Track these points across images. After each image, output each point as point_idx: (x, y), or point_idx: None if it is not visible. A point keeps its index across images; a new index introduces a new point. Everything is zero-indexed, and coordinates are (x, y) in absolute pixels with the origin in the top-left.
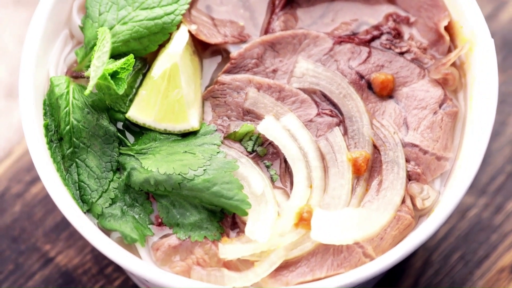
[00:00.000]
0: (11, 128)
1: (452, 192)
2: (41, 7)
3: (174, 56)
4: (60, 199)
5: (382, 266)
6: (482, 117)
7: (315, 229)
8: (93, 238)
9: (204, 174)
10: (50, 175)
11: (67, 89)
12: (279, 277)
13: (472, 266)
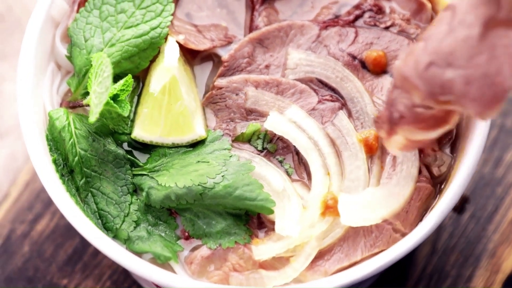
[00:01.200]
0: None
1: (468, 155)
2: (27, 44)
3: (171, 69)
4: (87, 231)
5: (416, 239)
6: None
7: (343, 214)
8: (130, 263)
9: (223, 180)
10: (71, 210)
11: (68, 121)
12: (316, 268)
13: (484, 222)
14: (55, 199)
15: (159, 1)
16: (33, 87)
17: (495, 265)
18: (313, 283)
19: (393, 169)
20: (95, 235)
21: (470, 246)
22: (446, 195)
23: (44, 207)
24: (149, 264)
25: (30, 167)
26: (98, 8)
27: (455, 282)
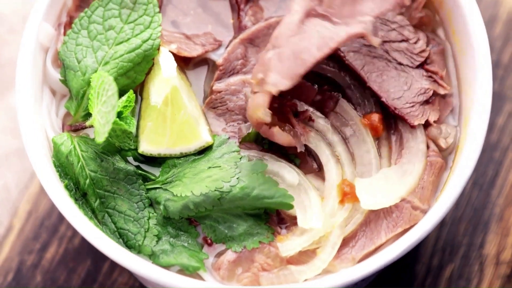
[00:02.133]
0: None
1: (475, 126)
2: (21, 74)
3: (171, 80)
4: (112, 251)
5: (439, 214)
6: (474, 44)
7: (362, 198)
8: (159, 276)
9: (239, 182)
10: (94, 233)
11: (73, 145)
12: (343, 257)
13: (487, 188)
14: (76, 225)
15: (146, 13)
16: (34, 116)
17: (504, 229)
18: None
19: (402, 148)
20: (121, 254)
21: (477, 214)
22: (461, 165)
23: (50, 234)
24: (178, 275)
25: (30, 196)
26: (86, 28)
27: (468, 250)
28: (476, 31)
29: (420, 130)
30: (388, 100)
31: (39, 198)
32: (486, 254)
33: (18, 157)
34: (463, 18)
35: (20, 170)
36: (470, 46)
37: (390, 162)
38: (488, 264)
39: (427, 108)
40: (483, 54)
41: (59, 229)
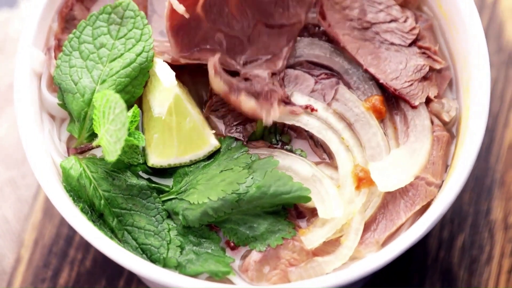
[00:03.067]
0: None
1: (478, 97)
2: (21, 105)
3: (172, 89)
4: (141, 267)
5: (457, 188)
6: (464, 15)
7: (379, 181)
8: (189, 285)
9: (254, 182)
10: (122, 254)
11: (82, 167)
12: (367, 242)
13: (484, 155)
14: (102, 247)
15: (135, 26)
16: (39, 143)
17: (507, 193)
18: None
19: (407, 127)
20: (149, 269)
21: (479, 182)
22: (470, 136)
23: (60, 260)
24: (208, 282)
25: (34, 225)
26: (77, 49)
27: (476, 218)
28: (464, 2)
29: (423, 106)
30: (386, 81)
31: (43, 225)
32: (494, 220)
33: (11, 187)
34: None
35: (16, 200)
36: (460, 19)
37: (397, 142)
38: (497, 230)
39: (425, 85)
40: (474, 24)
41: (68, 253)
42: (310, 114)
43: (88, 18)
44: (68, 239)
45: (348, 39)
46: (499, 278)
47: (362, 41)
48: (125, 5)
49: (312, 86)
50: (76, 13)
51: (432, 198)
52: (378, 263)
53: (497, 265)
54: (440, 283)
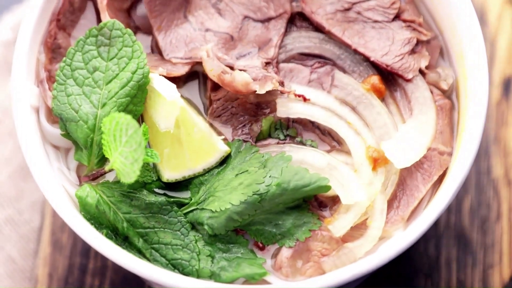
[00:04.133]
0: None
1: (475, 61)
2: (28, 144)
3: (177, 102)
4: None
5: (472, 153)
6: None
7: (394, 159)
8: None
9: (273, 180)
10: (157, 272)
11: (98, 194)
12: (393, 220)
13: None
14: (139, 270)
15: (124, 44)
16: (51, 178)
17: (504, 149)
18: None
19: (409, 101)
20: (185, 282)
21: None
22: (474, 101)
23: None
24: (244, 286)
25: (45, 260)
26: (70, 76)
27: (479, 179)
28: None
29: (420, 78)
30: (377, 59)
31: (54, 258)
32: (496, 178)
33: (11, 226)
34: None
35: (19, 238)
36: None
37: (402, 118)
38: (501, 186)
39: (416, 57)
40: None
41: (85, 281)
42: (314, 104)
43: (76, 44)
44: (82, 267)
45: (332, 23)
46: (511, 233)
47: (346, 23)
48: (111, 25)
49: (308, 77)
50: (60, 42)
51: (447, 167)
52: (407, 242)
53: (507, 220)
54: (456, 248)
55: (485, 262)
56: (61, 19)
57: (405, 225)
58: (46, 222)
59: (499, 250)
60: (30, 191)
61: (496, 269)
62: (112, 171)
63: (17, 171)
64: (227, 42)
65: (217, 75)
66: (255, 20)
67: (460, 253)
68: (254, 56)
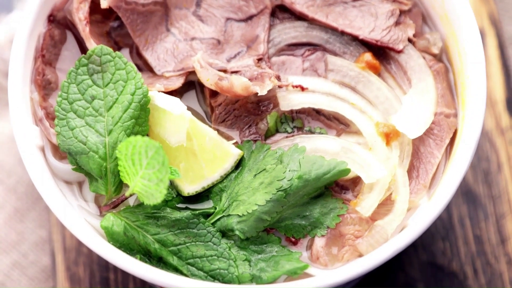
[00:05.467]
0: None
1: (463, 21)
2: (41, 182)
3: (185, 115)
4: None
5: (479, 119)
6: None
7: (407, 131)
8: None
9: (293, 173)
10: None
11: (123, 221)
12: (415, 189)
13: None
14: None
15: (117, 67)
16: (75, 216)
17: (489, 101)
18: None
19: (405, 72)
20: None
21: None
22: (471, 61)
23: None
24: (288, 283)
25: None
26: (70, 110)
27: None
28: None
29: (411, 47)
30: (366, 36)
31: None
32: (489, 130)
33: (18, 270)
34: None
35: (29, 280)
36: None
37: (402, 89)
38: (495, 137)
39: (402, 27)
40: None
41: None
42: (313, 92)
43: (68, 77)
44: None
45: (314, 10)
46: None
47: (327, 7)
48: (99, 51)
49: (301, 66)
50: (49, 77)
51: (456, 128)
52: (437, 211)
53: (508, 169)
54: (466, 205)
55: (496, 213)
56: (46, 54)
57: (428, 192)
58: (58, 259)
59: (507, 199)
60: (29, 232)
61: (509, 218)
62: (131, 196)
63: (12, 215)
64: (215, 47)
65: (215, 83)
66: (238, 20)
67: (471, 210)
68: (245, 56)
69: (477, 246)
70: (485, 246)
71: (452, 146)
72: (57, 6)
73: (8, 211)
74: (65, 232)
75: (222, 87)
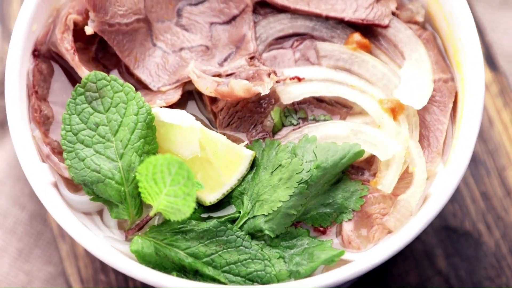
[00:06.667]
0: None
1: None
2: (68, 223)
3: (195, 125)
4: None
5: (481, 81)
6: None
7: (413, 102)
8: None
9: (310, 164)
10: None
11: (151, 241)
12: (430, 158)
13: None
14: None
15: (114, 90)
16: (104, 246)
17: None
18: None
19: (395, 46)
20: None
21: None
22: (458, 19)
23: None
24: (325, 274)
25: None
26: (76, 141)
27: None
28: None
29: (396, 20)
30: (351, 17)
31: None
32: None
33: None
34: None
35: None
36: None
37: (397, 63)
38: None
39: (383, 3)
40: None
41: None
42: (311, 81)
43: (67, 108)
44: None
45: (294, 0)
46: (507, 131)
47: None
48: (93, 78)
49: (293, 58)
50: (46, 112)
51: (456, 92)
52: (458, 178)
53: (500, 122)
54: (470, 168)
55: (497, 167)
56: (38, 90)
57: (442, 159)
58: None
59: (504, 152)
60: (37, 270)
61: (510, 169)
62: (157, 215)
63: (16, 257)
64: (204, 54)
65: (214, 90)
66: (222, 23)
67: (472, 168)
68: (236, 56)
69: (485, 202)
70: (493, 201)
71: (455, 109)
72: (40, 40)
73: (11, 253)
74: (79, 263)
75: (222, 93)
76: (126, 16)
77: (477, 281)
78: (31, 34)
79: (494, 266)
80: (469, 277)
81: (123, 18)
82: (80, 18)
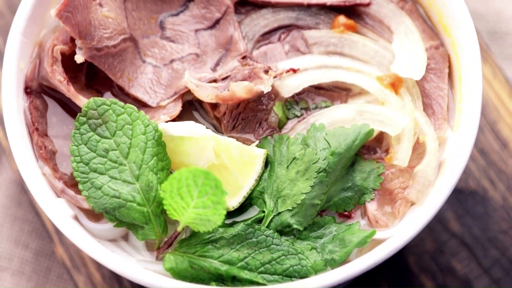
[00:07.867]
0: None
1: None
2: (94, 248)
3: (207, 133)
4: None
5: (475, 47)
6: None
7: (411, 74)
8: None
9: (324, 152)
10: None
11: (183, 257)
12: (437, 125)
13: None
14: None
15: (117, 113)
16: (140, 271)
17: None
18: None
19: (380, 21)
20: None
21: None
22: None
23: None
24: (356, 262)
25: None
26: (89, 170)
27: None
28: None
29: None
30: (332, 1)
31: None
32: None
33: None
34: None
35: None
36: None
37: (385, 38)
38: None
39: None
40: None
41: None
42: (306, 70)
43: (73, 140)
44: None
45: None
46: (491, 85)
47: None
48: (93, 105)
49: (283, 51)
50: (50, 147)
51: (449, 56)
52: (471, 139)
53: (484, 80)
54: None
55: (488, 122)
56: (38, 127)
57: (448, 124)
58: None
59: (493, 106)
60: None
61: (501, 122)
62: (185, 229)
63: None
64: (196, 61)
65: (215, 96)
66: (206, 28)
67: None
68: (227, 59)
69: (484, 158)
70: (491, 156)
71: (451, 73)
72: (29, 76)
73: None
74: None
75: (223, 98)
76: (112, 38)
77: (492, 236)
78: (20, 72)
79: (505, 218)
80: (483, 233)
81: (109, 40)
82: (66, 48)
